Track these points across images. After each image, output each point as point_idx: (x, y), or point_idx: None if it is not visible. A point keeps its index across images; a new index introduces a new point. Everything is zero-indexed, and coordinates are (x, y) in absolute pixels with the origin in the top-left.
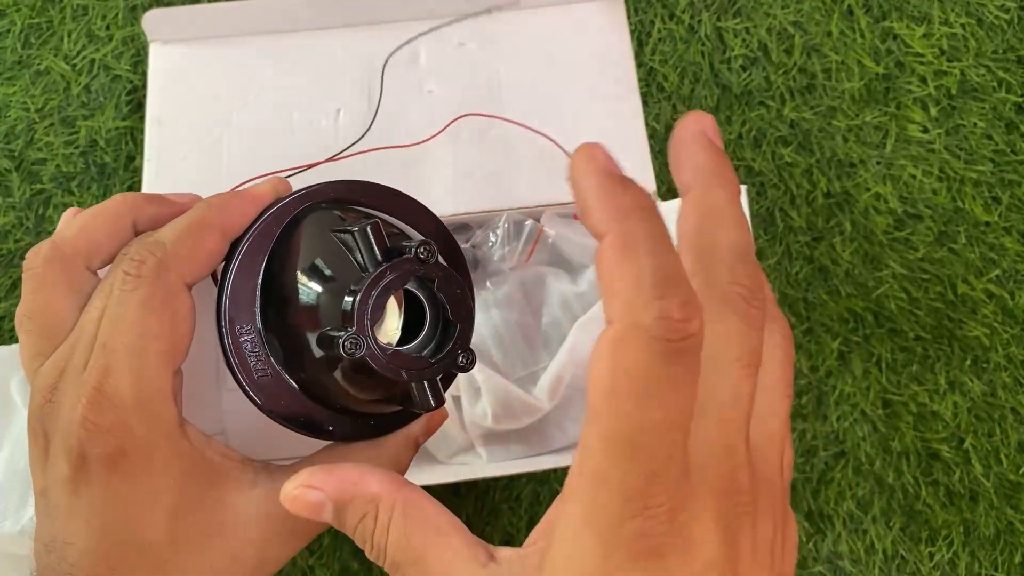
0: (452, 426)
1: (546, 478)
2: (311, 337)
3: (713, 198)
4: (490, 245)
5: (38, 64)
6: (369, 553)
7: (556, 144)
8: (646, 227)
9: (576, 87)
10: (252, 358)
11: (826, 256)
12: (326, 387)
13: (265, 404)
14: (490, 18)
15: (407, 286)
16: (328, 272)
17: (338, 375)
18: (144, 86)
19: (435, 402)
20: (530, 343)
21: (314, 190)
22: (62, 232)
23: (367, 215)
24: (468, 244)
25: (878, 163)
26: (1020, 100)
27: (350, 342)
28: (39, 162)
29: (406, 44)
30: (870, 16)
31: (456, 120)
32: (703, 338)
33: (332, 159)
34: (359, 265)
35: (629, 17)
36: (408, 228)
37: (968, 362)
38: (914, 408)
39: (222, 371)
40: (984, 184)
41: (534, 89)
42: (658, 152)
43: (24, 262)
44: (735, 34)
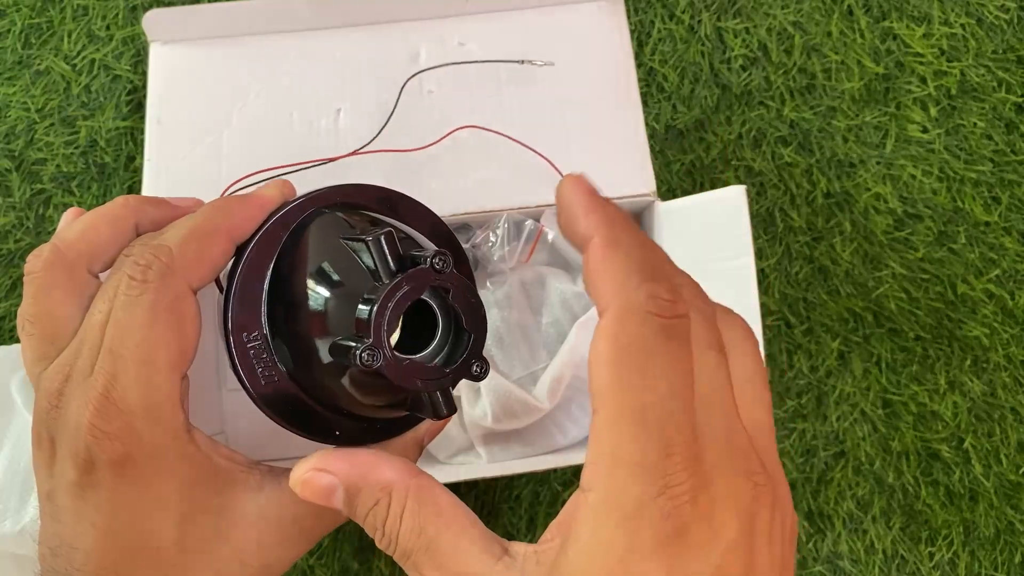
0: (452, 426)
1: (546, 478)
2: (319, 343)
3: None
4: (490, 245)
5: (38, 64)
6: (379, 541)
7: (547, 160)
8: (629, 229)
9: (576, 87)
10: (258, 364)
11: (826, 256)
12: (333, 392)
13: (271, 409)
14: (490, 18)
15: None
16: (338, 279)
17: (346, 381)
18: (144, 86)
19: (447, 410)
20: (530, 343)
21: (320, 194)
22: (63, 234)
23: (375, 220)
24: (468, 244)
25: (878, 163)
26: (1020, 100)
27: (367, 354)
28: (39, 162)
29: (432, 69)
30: (870, 16)
31: (453, 132)
32: (690, 323)
33: (335, 159)
34: (372, 273)
35: (629, 17)
36: (416, 233)
37: (968, 362)
38: (914, 408)
39: (222, 372)
40: (984, 184)
41: (534, 89)
42: (658, 152)
43: (25, 265)
44: (735, 34)
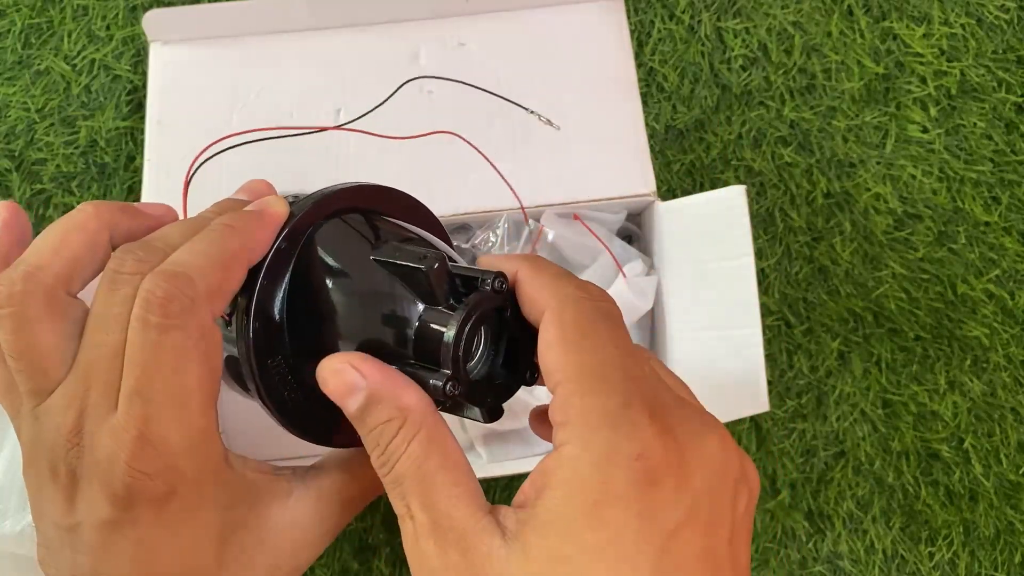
0: (452, 426)
1: None
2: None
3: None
4: (490, 245)
5: (38, 64)
6: (376, 459)
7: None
8: (541, 258)
9: (576, 87)
10: (284, 388)
11: (826, 256)
12: None
13: (302, 431)
14: (490, 18)
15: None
16: (372, 298)
17: None
18: (144, 86)
19: (492, 417)
20: None
21: (323, 200)
22: (32, 257)
23: (383, 225)
24: (468, 244)
25: (878, 163)
26: (1020, 100)
27: (450, 385)
28: (39, 162)
29: (432, 69)
30: (870, 16)
31: (436, 133)
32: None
33: (324, 129)
34: (424, 295)
35: (629, 17)
36: (426, 234)
37: (968, 362)
38: (914, 408)
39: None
40: (984, 184)
41: (534, 89)
42: (658, 152)
43: None
44: (735, 34)
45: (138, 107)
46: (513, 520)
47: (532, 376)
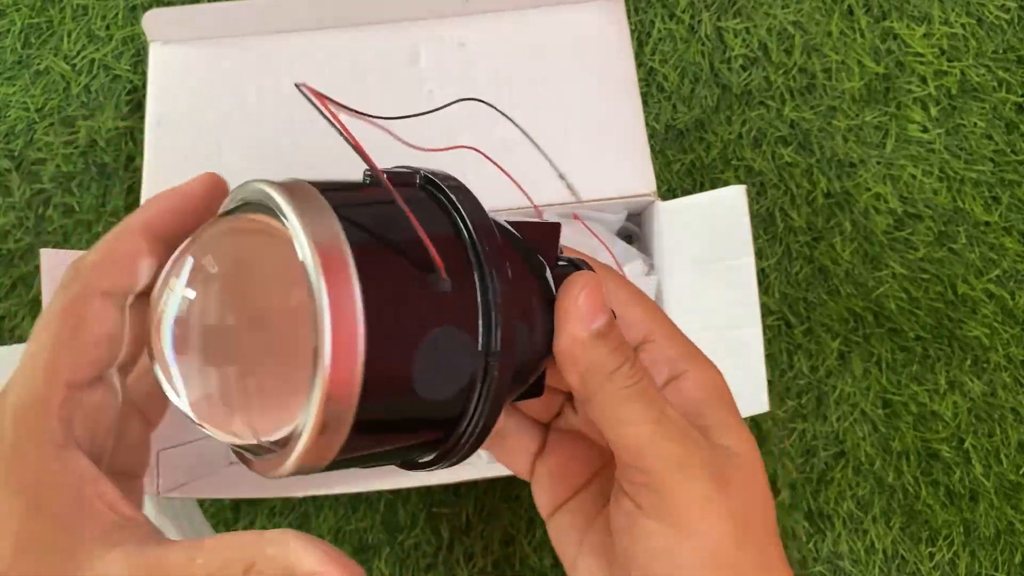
0: None
1: None
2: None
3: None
4: None
5: (38, 64)
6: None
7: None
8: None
9: (576, 87)
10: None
11: (826, 256)
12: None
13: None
14: (490, 18)
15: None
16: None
17: None
18: (144, 86)
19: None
20: None
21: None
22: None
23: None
24: None
25: (878, 163)
26: (1020, 100)
27: None
28: (39, 162)
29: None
30: (870, 16)
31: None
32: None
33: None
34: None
35: (629, 17)
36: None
37: (968, 362)
38: (914, 408)
39: None
40: (984, 184)
41: (534, 89)
42: (658, 152)
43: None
44: (735, 34)
45: (138, 107)
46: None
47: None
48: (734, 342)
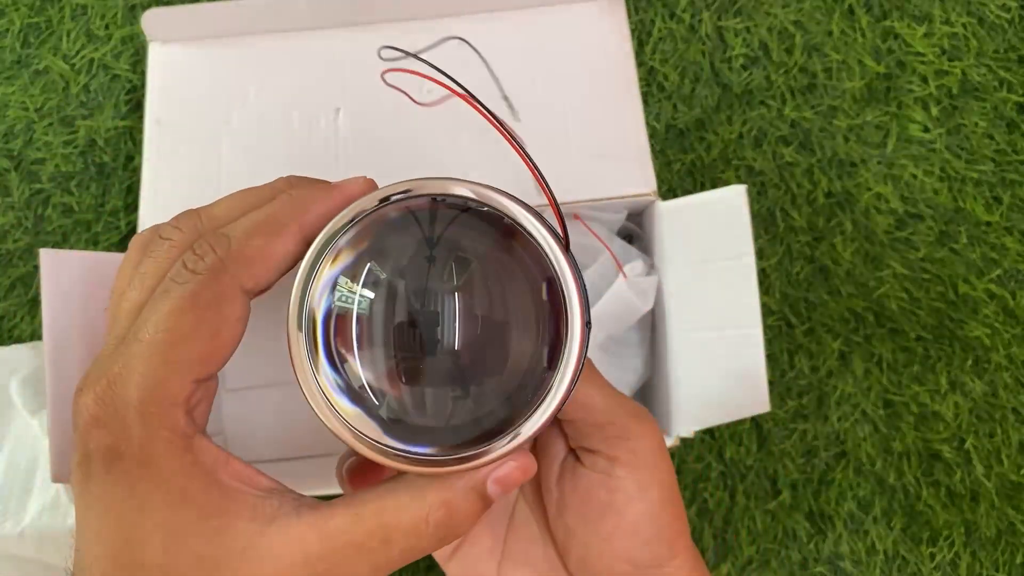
0: None
1: None
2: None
3: None
4: None
5: (37, 64)
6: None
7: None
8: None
9: (576, 87)
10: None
11: (827, 256)
12: None
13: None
14: (490, 18)
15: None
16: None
17: None
18: (143, 85)
19: None
20: None
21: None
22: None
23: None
24: None
25: (879, 163)
26: (1021, 99)
27: None
28: (38, 162)
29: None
30: (871, 15)
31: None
32: None
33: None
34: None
35: (629, 16)
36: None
37: (969, 362)
38: (915, 408)
39: (222, 372)
40: (985, 184)
41: (534, 89)
42: (659, 152)
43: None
44: (736, 33)
45: (137, 106)
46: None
47: None
48: (735, 342)
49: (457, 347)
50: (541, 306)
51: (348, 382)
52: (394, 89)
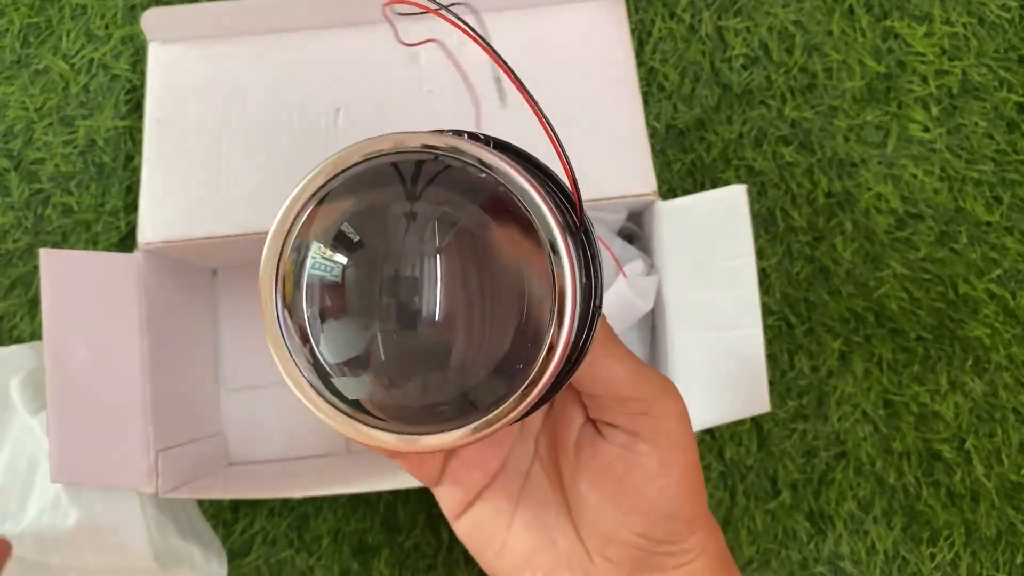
0: None
1: None
2: None
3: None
4: None
5: (37, 63)
6: None
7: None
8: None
9: (576, 87)
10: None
11: (827, 256)
12: None
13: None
14: (490, 18)
15: None
16: None
17: None
18: (143, 85)
19: None
20: None
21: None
22: None
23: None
24: None
25: (879, 163)
26: (1022, 99)
27: None
28: (38, 162)
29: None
30: (871, 15)
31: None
32: None
33: None
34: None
35: (629, 16)
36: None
37: (969, 362)
38: (915, 408)
39: (222, 372)
40: (986, 184)
41: (534, 89)
42: (659, 151)
43: None
44: (736, 33)
45: (137, 106)
46: None
47: None
48: (735, 342)
49: (429, 323)
50: (532, 286)
51: (327, 365)
52: (388, 23)
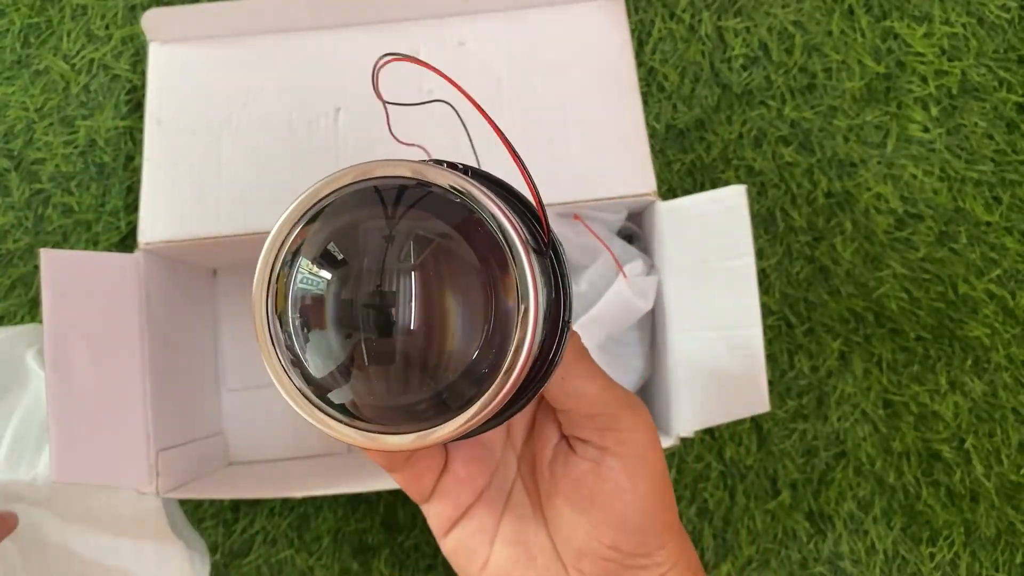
0: None
1: None
2: None
3: None
4: None
5: (37, 64)
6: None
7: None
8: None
9: (576, 87)
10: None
11: (827, 256)
12: None
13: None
14: (490, 18)
15: None
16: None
17: None
18: (143, 86)
19: None
20: None
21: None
22: None
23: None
24: None
25: (879, 163)
26: (1021, 100)
27: None
28: (38, 162)
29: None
30: (871, 15)
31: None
32: None
33: None
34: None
35: (629, 16)
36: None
37: (969, 362)
38: (915, 408)
39: (222, 372)
40: (985, 184)
41: (534, 89)
42: (659, 152)
43: None
44: (735, 33)
45: (137, 106)
46: None
47: None
48: (735, 342)
49: (405, 333)
50: (500, 301)
51: (316, 375)
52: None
